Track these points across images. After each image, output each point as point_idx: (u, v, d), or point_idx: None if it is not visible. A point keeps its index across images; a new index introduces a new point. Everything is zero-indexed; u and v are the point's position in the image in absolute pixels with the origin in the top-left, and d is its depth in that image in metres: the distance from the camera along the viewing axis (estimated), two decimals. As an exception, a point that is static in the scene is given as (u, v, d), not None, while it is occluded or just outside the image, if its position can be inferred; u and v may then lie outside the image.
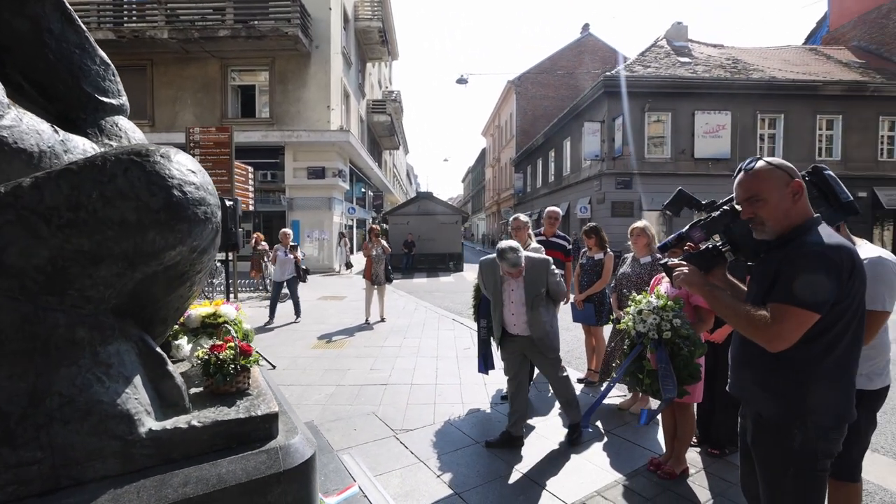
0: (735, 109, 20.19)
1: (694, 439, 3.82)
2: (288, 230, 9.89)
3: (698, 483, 3.32)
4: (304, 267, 9.68)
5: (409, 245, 21.54)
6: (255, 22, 16.12)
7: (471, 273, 20.62)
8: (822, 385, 1.70)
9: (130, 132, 2.51)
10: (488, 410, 4.70)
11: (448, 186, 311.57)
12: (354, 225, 24.66)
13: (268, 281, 12.77)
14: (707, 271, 2.03)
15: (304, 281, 9.76)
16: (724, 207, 2.05)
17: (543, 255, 4.03)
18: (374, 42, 24.70)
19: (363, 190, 26.39)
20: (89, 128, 2.29)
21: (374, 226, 9.93)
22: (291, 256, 9.40)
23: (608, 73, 20.71)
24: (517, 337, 3.95)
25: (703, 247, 2.08)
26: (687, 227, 2.12)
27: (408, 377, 5.75)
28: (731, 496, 3.14)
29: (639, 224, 4.56)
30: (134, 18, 16.57)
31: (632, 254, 4.67)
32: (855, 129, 20.67)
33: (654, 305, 3.15)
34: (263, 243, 13.06)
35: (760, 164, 1.78)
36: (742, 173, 1.82)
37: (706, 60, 22.35)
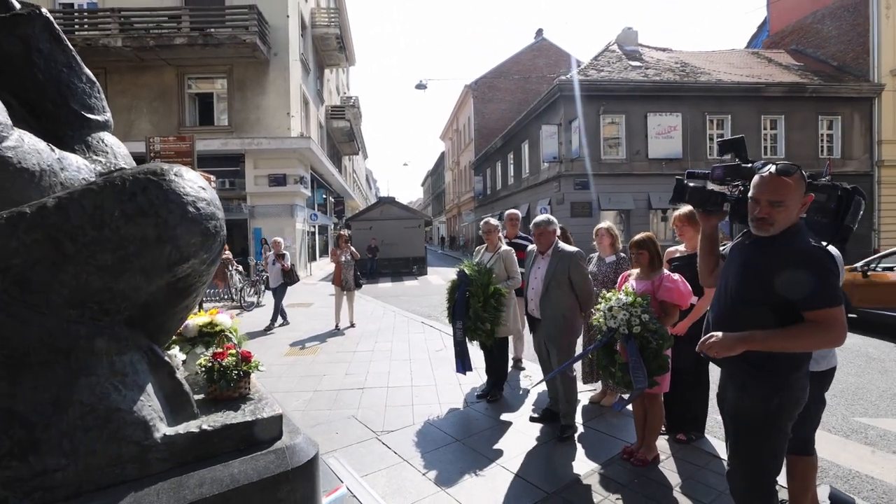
0: (685, 111, 21.04)
1: (662, 428, 4.06)
2: (279, 238, 10.06)
3: (669, 468, 3.50)
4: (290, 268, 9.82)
5: (372, 250, 21.51)
6: (212, 30, 15.86)
7: (435, 276, 20.72)
8: (803, 363, 2.02)
9: (116, 147, 2.55)
10: (465, 409, 4.81)
11: (408, 190, 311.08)
12: (317, 231, 24.46)
13: (233, 290, 12.62)
14: (702, 209, 2.24)
15: (293, 283, 9.86)
16: (755, 165, 2.13)
17: (575, 249, 4.19)
18: (331, 48, 24.61)
19: (324, 196, 26.20)
20: (76, 144, 2.33)
21: (342, 232, 9.98)
22: (279, 265, 9.50)
23: (563, 78, 21.25)
24: (537, 322, 4.21)
25: (710, 188, 2.22)
26: (715, 166, 2.26)
27: (383, 380, 5.83)
28: (699, 478, 3.34)
29: (603, 225, 4.78)
30: (86, 27, 16.02)
31: (597, 253, 4.89)
32: (796, 128, 21.83)
33: (624, 302, 3.31)
34: (228, 253, 12.90)
35: (797, 173, 1.90)
36: (775, 174, 1.91)
37: (656, 64, 23.19)
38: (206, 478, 1.72)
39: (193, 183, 1.68)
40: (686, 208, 3.96)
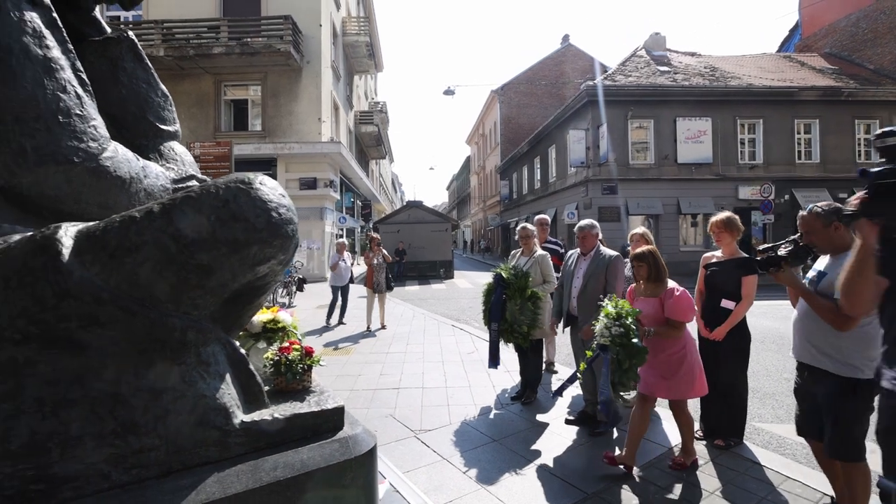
0: (715, 115, 20.79)
1: (700, 433, 4.07)
2: (344, 240, 10.48)
3: (708, 473, 3.52)
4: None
5: (399, 253, 21.73)
6: (249, 39, 16.42)
7: (462, 280, 20.82)
8: None
9: (184, 155, 2.74)
10: (500, 410, 4.90)
11: (433, 194, 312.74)
12: (344, 234, 24.82)
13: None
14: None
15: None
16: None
17: (615, 252, 4.44)
18: (361, 56, 25.07)
19: (352, 199, 26.58)
20: (151, 153, 2.52)
21: (374, 235, 10.20)
22: (347, 264, 10.05)
23: (591, 83, 21.20)
24: (575, 319, 4.45)
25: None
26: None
27: (418, 381, 5.96)
28: (739, 483, 3.36)
29: (638, 230, 4.84)
30: (130, 37, 16.76)
31: (631, 258, 4.96)
32: (832, 133, 21.36)
33: (611, 313, 3.39)
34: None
35: None
36: None
37: (685, 69, 22.99)
38: (279, 462, 1.86)
39: (275, 191, 1.84)
40: (724, 214, 4.00)
